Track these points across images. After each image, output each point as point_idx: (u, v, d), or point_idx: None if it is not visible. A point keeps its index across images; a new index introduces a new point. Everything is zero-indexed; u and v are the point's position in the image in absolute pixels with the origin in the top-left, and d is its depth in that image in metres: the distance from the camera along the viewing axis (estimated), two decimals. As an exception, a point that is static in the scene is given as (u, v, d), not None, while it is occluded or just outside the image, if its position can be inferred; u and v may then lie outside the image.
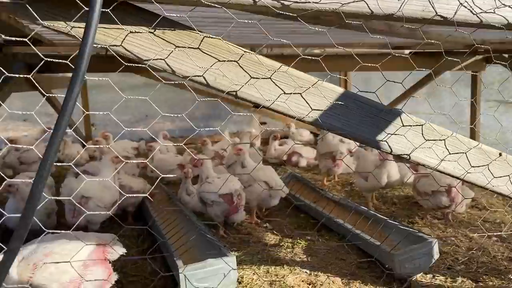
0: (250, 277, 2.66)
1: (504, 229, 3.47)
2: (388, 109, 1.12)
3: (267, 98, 1.01)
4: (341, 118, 1.06)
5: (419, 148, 1.12)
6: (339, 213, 3.58)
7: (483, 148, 1.17)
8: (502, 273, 2.72)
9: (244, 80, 0.98)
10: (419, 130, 1.12)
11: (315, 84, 1.04)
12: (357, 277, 2.69)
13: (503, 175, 1.17)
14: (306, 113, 1.05)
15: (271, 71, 0.99)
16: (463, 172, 1.16)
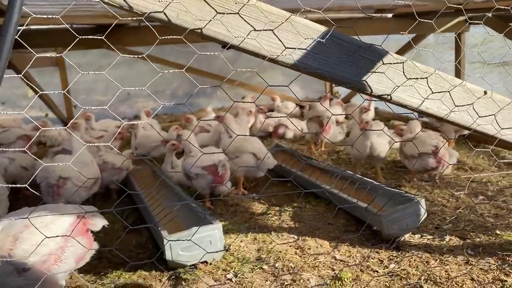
0: (237, 244, 2.63)
1: (491, 188, 3.48)
2: (367, 45, 1.05)
3: (235, 36, 0.93)
4: (317, 57, 0.99)
5: (401, 87, 1.06)
6: (325, 180, 3.55)
7: (467, 86, 1.11)
8: (489, 229, 2.73)
9: (209, 16, 0.90)
10: (400, 67, 1.06)
11: (288, 19, 0.97)
12: (345, 240, 2.68)
13: (488, 114, 1.12)
14: (280, 52, 0.98)
15: (239, 5, 0.91)
16: (447, 111, 1.11)
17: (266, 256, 2.47)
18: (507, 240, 2.54)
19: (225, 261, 2.43)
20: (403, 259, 2.40)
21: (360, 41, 1.05)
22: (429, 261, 2.37)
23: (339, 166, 4.40)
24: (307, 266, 2.36)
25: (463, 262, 2.33)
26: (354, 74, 1.03)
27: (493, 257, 2.37)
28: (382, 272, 2.28)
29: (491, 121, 1.11)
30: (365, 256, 2.47)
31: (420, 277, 2.20)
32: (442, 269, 2.28)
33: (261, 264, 2.38)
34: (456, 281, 2.14)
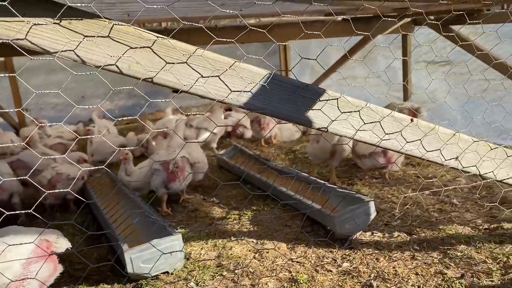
0: (197, 252, 2.71)
1: (436, 183, 3.72)
2: (304, 85, 1.15)
3: (185, 83, 1.01)
4: (261, 98, 1.09)
5: (336, 121, 1.17)
6: (282, 182, 3.68)
7: (395, 115, 1.24)
8: (433, 224, 2.94)
9: (159, 66, 0.97)
10: (334, 103, 1.17)
11: (232, 66, 1.05)
12: (301, 241, 2.81)
13: (415, 139, 1.25)
14: (226, 95, 1.07)
15: (186, 55, 0.99)
16: (378, 139, 1.23)
17: (226, 262, 2.57)
18: (449, 234, 2.75)
19: (186, 270, 2.50)
20: (355, 257, 2.56)
21: (298, 82, 1.15)
22: (379, 258, 2.54)
23: (296, 165, 4.56)
24: (266, 270, 2.48)
25: (409, 258, 2.52)
26: (295, 111, 1.14)
27: (436, 251, 2.56)
28: (336, 272, 2.43)
29: (417, 146, 1.25)
30: (320, 256, 2.61)
31: (370, 275, 2.36)
32: (390, 265, 2.45)
33: (221, 271, 2.48)
34: (402, 276, 2.32)
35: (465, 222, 2.90)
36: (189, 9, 3.48)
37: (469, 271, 2.32)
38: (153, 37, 0.95)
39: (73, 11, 0.92)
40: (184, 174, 3.47)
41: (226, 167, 4.50)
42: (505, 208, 3.10)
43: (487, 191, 3.42)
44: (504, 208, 3.06)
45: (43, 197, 3.19)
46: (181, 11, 3.57)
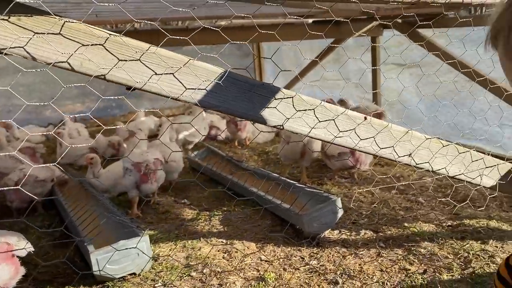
0: (166, 253, 2.70)
1: (403, 182, 3.81)
2: (260, 83, 1.17)
3: (138, 80, 1.02)
4: (216, 96, 1.10)
5: (292, 118, 1.20)
6: (253, 182, 3.70)
7: (349, 114, 1.28)
8: (399, 222, 3.01)
9: (112, 63, 0.98)
10: (290, 101, 1.20)
11: (187, 64, 1.06)
12: (271, 241, 2.84)
13: (368, 137, 1.29)
14: (181, 93, 1.08)
15: (140, 53, 1.00)
16: (332, 137, 1.27)
17: (195, 263, 2.57)
18: (413, 232, 2.82)
19: (154, 271, 2.49)
20: (322, 255, 2.60)
21: (253, 80, 1.17)
22: (345, 255, 2.59)
23: (269, 166, 4.59)
24: (234, 269, 2.49)
25: (375, 255, 2.57)
26: (250, 109, 1.16)
27: (400, 248, 2.63)
28: (303, 269, 2.46)
29: (371, 143, 1.28)
30: (288, 255, 2.64)
31: (336, 272, 2.40)
32: (356, 262, 2.50)
33: (189, 271, 2.48)
34: (367, 273, 2.37)
35: (430, 220, 2.99)
36: (160, 10, 3.47)
37: (431, 266, 2.38)
38: (105, 35, 0.95)
39: (23, 7, 0.91)
40: (156, 176, 3.46)
41: (198, 169, 4.49)
42: (468, 206, 3.21)
43: (451, 190, 3.52)
44: (467, 206, 3.16)
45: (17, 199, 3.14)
46: (152, 11, 3.56)
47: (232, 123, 5.37)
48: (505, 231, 2.73)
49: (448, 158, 1.42)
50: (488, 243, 2.58)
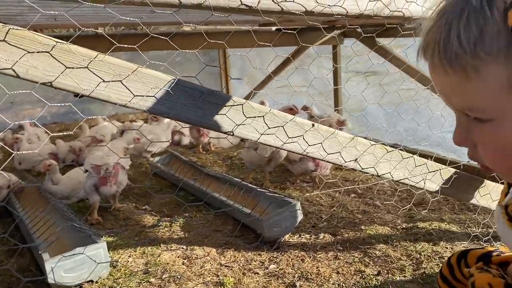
0: (125, 260, 2.68)
1: (360, 185, 3.92)
2: (210, 91, 1.21)
3: (85, 87, 1.03)
4: (165, 103, 1.12)
5: (242, 125, 1.23)
6: (216, 187, 3.72)
7: (297, 120, 1.33)
8: (356, 225, 3.09)
9: (59, 71, 0.98)
10: (240, 108, 1.23)
11: (135, 71, 1.08)
12: (231, 246, 2.86)
13: (316, 143, 1.35)
14: (129, 100, 1.09)
15: (87, 60, 1.01)
16: (282, 143, 1.31)
17: (154, 269, 2.56)
18: (370, 234, 2.91)
19: (112, 277, 2.47)
20: (282, 259, 2.64)
21: (203, 88, 1.20)
22: (304, 259, 2.64)
23: (233, 171, 4.62)
24: (194, 275, 2.50)
25: (332, 258, 2.64)
26: (200, 116, 1.18)
27: (357, 250, 2.71)
28: (262, 274, 2.49)
29: (318, 148, 1.34)
30: (249, 259, 2.67)
31: (294, 275, 2.45)
32: (314, 265, 2.56)
33: (148, 278, 2.46)
34: (324, 275, 2.43)
35: (386, 223, 3.09)
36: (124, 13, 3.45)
37: (385, 268, 2.47)
38: (52, 42, 0.96)
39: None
40: (117, 179, 3.43)
41: (161, 174, 4.46)
42: (422, 209, 3.34)
43: (408, 194, 3.64)
44: (421, 209, 3.29)
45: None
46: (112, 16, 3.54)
47: (195, 129, 5.36)
48: (455, 232, 2.86)
49: (392, 163, 1.49)
50: (439, 244, 2.69)
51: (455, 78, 0.72)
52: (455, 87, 0.74)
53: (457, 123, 0.81)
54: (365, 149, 1.42)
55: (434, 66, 0.76)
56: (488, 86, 0.69)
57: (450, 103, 0.80)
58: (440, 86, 0.78)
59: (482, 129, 0.75)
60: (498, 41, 0.65)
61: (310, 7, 1.21)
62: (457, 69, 0.70)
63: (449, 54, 0.70)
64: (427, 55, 0.77)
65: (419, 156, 1.57)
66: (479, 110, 0.73)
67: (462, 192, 1.70)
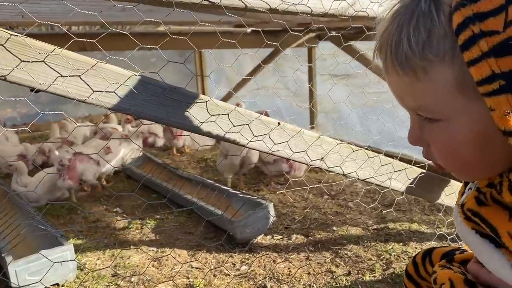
0: (93, 262, 2.62)
1: (335, 188, 3.95)
2: (172, 87, 1.19)
3: (42, 82, 1.00)
4: (126, 99, 1.10)
5: (206, 123, 1.22)
6: (188, 189, 3.69)
7: (262, 119, 1.32)
8: (329, 226, 3.11)
9: (13, 64, 0.95)
10: (204, 106, 1.22)
11: (94, 66, 1.06)
12: (203, 248, 2.83)
13: (282, 142, 1.34)
14: (88, 95, 1.07)
15: (44, 54, 0.98)
16: (247, 141, 1.30)
17: (123, 272, 2.52)
18: (341, 235, 2.93)
19: (79, 280, 2.41)
20: (254, 261, 2.63)
21: (165, 84, 1.18)
22: (276, 260, 2.64)
23: (207, 173, 4.59)
24: (163, 277, 2.46)
25: (304, 258, 2.64)
26: (163, 113, 1.16)
27: (328, 251, 2.72)
28: (233, 275, 2.48)
29: (284, 147, 1.33)
30: (220, 261, 2.65)
31: (265, 276, 2.44)
32: (285, 266, 2.55)
33: (116, 280, 2.42)
34: (295, 276, 2.43)
35: (357, 224, 3.11)
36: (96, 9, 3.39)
37: (355, 268, 2.49)
38: (6, 35, 0.93)
39: None
40: (75, 173, 3.43)
41: (133, 176, 4.40)
42: (394, 209, 3.38)
43: (380, 196, 3.69)
44: (392, 210, 3.33)
45: None
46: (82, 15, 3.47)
47: (168, 131, 5.31)
48: (424, 233, 2.90)
49: (358, 162, 1.50)
50: (409, 244, 2.73)
51: (406, 79, 0.74)
52: (406, 88, 0.76)
53: (411, 123, 0.83)
54: (331, 148, 1.43)
55: (387, 67, 0.78)
56: (437, 87, 0.71)
57: (403, 104, 0.82)
58: (393, 86, 0.81)
59: (433, 129, 0.77)
60: (444, 44, 0.67)
61: (275, 5, 1.21)
62: (407, 71, 0.73)
63: (400, 56, 0.72)
64: (381, 56, 0.78)
65: (384, 156, 1.58)
66: (428, 110, 0.75)
67: (428, 191, 1.73)
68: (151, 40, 4.31)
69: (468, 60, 0.67)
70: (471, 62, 0.67)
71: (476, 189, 0.89)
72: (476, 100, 0.70)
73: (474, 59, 0.66)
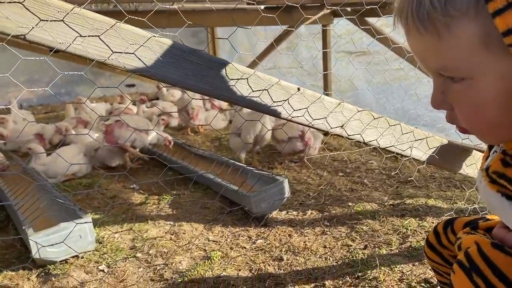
0: (111, 236, 2.66)
1: (350, 165, 3.93)
2: (191, 50, 1.17)
3: (61, 41, 0.99)
4: (144, 60, 1.09)
5: (224, 86, 1.20)
6: (204, 166, 3.70)
7: (282, 84, 1.30)
8: (344, 202, 3.10)
9: (33, 23, 0.94)
10: (223, 69, 1.20)
11: (114, 26, 1.05)
12: (219, 222, 2.85)
13: (301, 108, 1.32)
14: (107, 56, 1.06)
15: (63, 13, 0.97)
16: (266, 107, 1.29)
17: (141, 244, 2.55)
18: (357, 211, 2.92)
19: (98, 253, 2.45)
20: (269, 235, 2.64)
21: (184, 46, 1.17)
22: (291, 234, 2.64)
23: (221, 152, 4.59)
24: (181, 250, 2.49)
25: (319, 233, 2.64)
26: (182, 76, 1.15)
27: (344, 226, 2.71)
28: (249, 248, 2.49)
29: (303, 113, 1.32)
30: (236, 235, 2.67)
31: (281, 249, 2.45)
32: (301, 240, 2.56)
33: (134, 253, 2.45)
34: (311, 249, 2.43)
35: (373, 200, 3.10)
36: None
37: (372, 242, 2.48)
38: (25, -8, 0.92)
39: None
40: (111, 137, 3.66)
41: (150, 155, 4.42)
42: (409, 186, 3.35)
43: (396, 172, 3.66)
44: (408, 187, 3.31)
45: None
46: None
47: (185, 112, 5.33)
48: (441, 208, 2.88)
49: (379, 130, 1.48)
50: (425, 219, 2.71)
51: (428, 38, 0.72)
52: (429, 48, 0.74)
53: (434, 86, 0.81)
54: (352, 115, 1.41)
55: (408, 29, 0.76)
56: (460, 43, 0.69)
57: (426, 65, 0.80)
58: (415, 49, 0.79)
59: (456, 89, 0.75)
60: None
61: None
62: (429, 29, 0.71)
63: (421, 14, 0.70)
64: (401, 19, 0.77)
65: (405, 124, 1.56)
66: (452, 69, 0.73)
67: (449, 161, 1.70)
68: (163, 18, 4.28)
69: (493, 11, 0.64)
70: (496, 12, 0.64)
71: (501, 152, 0.87)
72: (502, 55, 0.68)
73: (499, 9, 0.63)
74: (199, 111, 5.32)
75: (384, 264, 2.22)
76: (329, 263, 2.29)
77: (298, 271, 2.24)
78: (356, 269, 2.21)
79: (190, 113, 5.31)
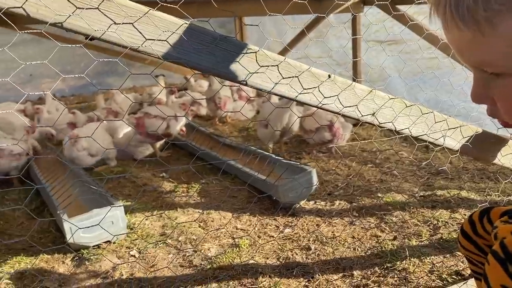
0: (142, 222, 2.72)
1: (379, 156, 3.87)
2: (223, 36, 1.17)
3: (96, 29, 1.01)
4: (177, 47, 1.10)
5: (255, 74, 1.20)
6: (232, 156, 3.73)
7: (312, 71, 1.29)
8: (373, 193, 3.06)
9: (69, 11, 0.97)
10: (253, 56, 1.20)
11: (147, 14, 1.06)
12: (247, 211, 2.87)
13: (332, 95, 1.31)
14: (141, 43, 1.07)
15: (97, 1, 0.99)
16: (296, 94, 1.28)
17: (170, 231, 2.60)
18: (386, 202, 2.88)
19: (129, 239, 2.51)
20: (297, 224, 2.64)
21: (216, 33, 1.17)
22: (319, 224, 2.64)
23: (249, 142, 4.61)
24: (209, 237, 2.52)
25: (348, 223, 2.63)
26: (213, 63, 1.15)
27: (373, 217, 2.69)
28: (277, 237, 2.50)
29: (334, 101, 1.30)
30: (264, 224, 2.68)
31: (309, 239, 2.45)
32: (329, 230, 2.55)
33: (164, 239, 2.50)
34: (339, 239, 2.42)
35: (403, 191, 3.05)
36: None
37: (401, 233, 2.45)
38: (60, -20, 0.94)
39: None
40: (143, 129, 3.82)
41: (178, 144, 4.48)
42: (441, 178, 3.28)
43: (426, 164, 3.58)
44: (440, 178, 3.24)
45: None
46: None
47: (212, 102, 5.37)
48: (474, 200, 2.81)
49: (412, 119, 1.45)
50: (457, 211, 2.65)
51: (469, 34, 0.69)
52: (469, 43, 0.71)
53: (474, 81, 0.78)
54: (384, 103, 1.38)
55: (446, 22, 0.72)
56: (503, 38, 0.66)
57: (465, 61, 0.77)
58: (454, 43, 0.76)
59: (500, 84, 0.73)
60: None
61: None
62: (470, 25, 0.67)
63: (461, 9, 0.67)
64: (439, 12, 0.73)
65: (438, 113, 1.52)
66: (495, 65, 0.70)
67: (483, 151, 1.65)
68: (191, 9, 4.29)
69: None
70: None
71: None
72: None
73: None
74: (227, 101, 5.35)
75: (414, 256, 2.19)
76: (358, 254, 2.28)
77: (326, 260, 2.23)
78: (385, 259, 2.19)
79: (218, 102, 5.34)
